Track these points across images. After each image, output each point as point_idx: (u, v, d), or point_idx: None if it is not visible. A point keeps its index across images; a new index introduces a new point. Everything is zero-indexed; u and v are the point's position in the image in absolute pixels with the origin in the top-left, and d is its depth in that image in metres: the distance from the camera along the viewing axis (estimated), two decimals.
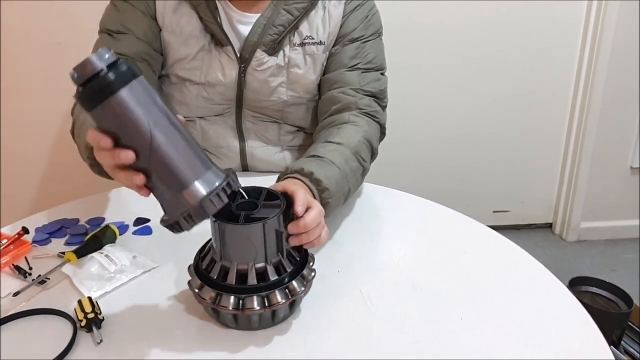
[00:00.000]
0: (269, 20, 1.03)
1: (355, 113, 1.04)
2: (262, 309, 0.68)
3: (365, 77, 1.07)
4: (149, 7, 1.04)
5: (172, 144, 0.61)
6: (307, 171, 0.86)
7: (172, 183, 0.62)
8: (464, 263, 0.87)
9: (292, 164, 0.89)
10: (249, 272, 0.69)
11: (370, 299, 0.78)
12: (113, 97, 0.58)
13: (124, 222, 0.97)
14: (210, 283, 0.71)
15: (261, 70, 1.06)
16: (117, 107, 0.59)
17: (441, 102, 2.12)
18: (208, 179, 0.62)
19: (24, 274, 0.83)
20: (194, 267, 0.74)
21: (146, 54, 1.04)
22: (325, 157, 0.91)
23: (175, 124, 0.63)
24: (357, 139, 0.98)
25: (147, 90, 0.61)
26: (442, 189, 2.08)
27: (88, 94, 0.59)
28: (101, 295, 0.78)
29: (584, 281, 1.71)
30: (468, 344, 0.70)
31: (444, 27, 2.00)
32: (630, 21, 2.00)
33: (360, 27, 1.07)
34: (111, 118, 0.60)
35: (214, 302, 0.69)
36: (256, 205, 0.72)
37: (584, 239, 2.32)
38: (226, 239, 0.70)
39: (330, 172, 0.88)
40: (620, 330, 1.60)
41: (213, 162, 0.66)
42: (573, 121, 2.19)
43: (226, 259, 0.70)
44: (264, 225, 0.68)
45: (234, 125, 1.13)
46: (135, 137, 0.61)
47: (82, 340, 0.70)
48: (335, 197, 0.88)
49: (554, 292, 0.80)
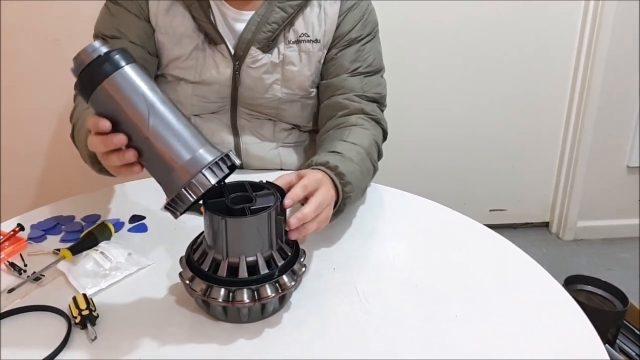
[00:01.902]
0: (262, 18, 1.03)
1: (362, 117, 1.05)
2: (252, 302, 0.69)
3: (367, 83, 1.08)
4: (141, 9, 1.04)
5: (169, 122, 0.65)
6: (332, 164, 0.87)
7: (174, 157, 0.64)
8: (459, 261, 0.87)
9: (316, 157, 0.90)
10: (239, 265, 0.70)
11: (365, 296, 0.78)
12: (107, 80, 0.63)
13: (119, 219, 0.97)
14: (201, 275, 0.71)
15: (255, 67, 1.06)
16: (111, 90, 0.63)
17: (438, 101, 2.12)
18: (208, 151, 0.66)
19: (18, 271, 0.83)
20: (186, 260, 0.74)
21: (141, 58, 1.05)
22: (345, 154, 0.93)
23: (170, 106, 0.66)
24: (368, 141, 1.00)
25: (140, 75, 0.65)
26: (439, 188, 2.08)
27: (84, 80, 0.64)
28: (96, 292, 0.78)
29: (580, 280, 1.71)
30: (463, 342, 0.70)
31: (440, 27, 2.00)
32: (628, 21, 2.00)
33: (358, 27, 1.07)
34: (107, 101, 0.64)
35: (205, 294, 0.69)
36: (250, 198, 0.72)
37: (580, 238, 2.33)
38: (230, 233, 0.69)
39: (351, 168, 0.90)
40: (615, 329, 1.60)
41: (211, 142, 0.68)
42: (570, 120, 2.19)
43: (232, 255, 0.70)
44: (269, 214, 0.69)
45: (229, 123, 1.13)
46: (132, 118, 0.64)
47: (76, 337, 0.70)
48: (355, 192, 0.90)
49: (549, 291, 0.80)
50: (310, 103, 1.14)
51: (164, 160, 0.65)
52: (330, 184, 0.84)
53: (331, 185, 0.84)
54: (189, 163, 0.64)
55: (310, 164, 0.89)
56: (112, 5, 1.06)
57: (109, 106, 0.64)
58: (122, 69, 0.64)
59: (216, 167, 0.65)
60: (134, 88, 0.64)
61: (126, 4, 1.04)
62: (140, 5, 1.04)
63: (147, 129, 0.64)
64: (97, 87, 0.63)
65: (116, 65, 0.64)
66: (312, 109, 1.15)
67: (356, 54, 1.08)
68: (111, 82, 0.63)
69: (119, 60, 0.64)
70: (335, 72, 1.09)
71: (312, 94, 1.13)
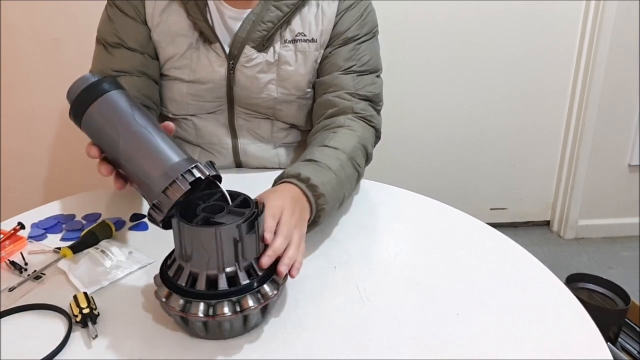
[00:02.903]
0: (258, 17, 1.02)
1: (350, 117, 1.03)
2: (234, 315, 0.66)
3: (360, 81, 1.06)
4: (138, 11, 1.04)
5: (138, 148, 0.70)
6: (304, 176, 0.85)
7: (143, 180, 0.70)
8: (461, 259, 0.87)
9: (289, 169, 0.88)
10: (219, 277, 0.67)
11: (366, 295, 0.78)
12: (85, 115, 0.72)
13: (120, 218, 0.97)
14: (178, 290, 0.68)
15: (250, 66, 1.05)
16: (89, 123, 0.72)
17: (439, 100, 2.12)
18: (176, 168, 0.68)
19: (19, 269, 0.83)
20: (160, 276, 0.71)
21: (142, 65, 1.05)
22: (322, 162, 0.90)
23: (144, 128, 0.71)
24: (352, 144, 0.98)
25: (114, 103, 0.72)
26: (440, 186, 2.09)
27: (72, 116, 0.73)
28: (97, 290, 0.78)
29: (581, 278, 1.71)
30: (464, 340, 0.70)
31: (442, 26, 2.00)
32: (629, 20, 2.00)
33: (355, 27, 1.06)
34: (88, 132, 0.73)
35: (183, 310, 0.66)
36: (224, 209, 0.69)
37: (581, 237, 2.33)
38: (182, 239, 0.68)
39: (326, 178, 0.88)
40: (617, 327, 1.60)
41: (188, 155, 0.71)
42: (571, 119, 2.19)
43: (184, 259, 0.68)
44: (216, 231, 0.65)
45: (227, 123, 1.13)
46: (107, 146, 0.72)
47: (77, 335, 0.70)
48: (330, 203, 0.87)
49: (551, 289, 0.80)
50: (307, 103, 1.13)
51: (139, 181, 0.70)
52: (301, 198, 0.83)
53: (303, 199, 0.83)
54: (155, 184, 0.68)
55: (282, 175, 0.88)
56: (110, 9, 1.06)
57: (92, 135, 0.73)
58: (97, 101, 0.71)
59: (176, 185, 0.67)
60: (107, 118, 0.71)
61: (123, 6, 1.04)
62: (136, 6, 1.04)
63: (119, 153, 0.70)
64: (80, 120, 0.72)
65: (94, 97, 0.71)
66: (309, 109, 1.15)
67: (351, 53, 1.06)
68: (88, 116, 0.72)
69: (94, 94, 0.71)
70: (328, 70, 1.07)
71: (309, 95, 1.12)
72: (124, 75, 1.04)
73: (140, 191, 0.72)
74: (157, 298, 0.69)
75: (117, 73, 1.04)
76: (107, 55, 1.05)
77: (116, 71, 1.04)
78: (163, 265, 0.72)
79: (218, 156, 1.15)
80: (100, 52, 1.07)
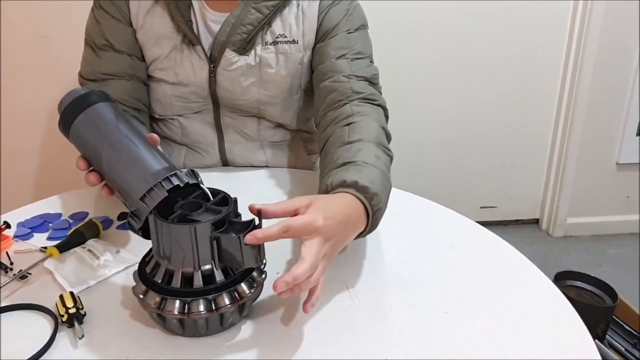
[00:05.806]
0: (237, 19, 1.01)
1: (355, 102, 0.97)
2: (209, 313, 0.65)
3: (355, 64, 1.03)
4: (122, 12, 1.04)
5: (120, 156, 0.72)
6: (350, 181, 0.76)
7: (124, 188, 0.71)
8: (450, 257, 0.87)
9: (330, 179, 0.79)
10: (194, 275, 0.66)
11: (355, 292, 0.78)
12: (72, 126, 0.74)
13: (107, 217, 0.96)
14: (155, 287, 0.67)
15: (231, 70, 1.05)
16: (75, 134, 0.75)
17: (428, 99, 2.12)
18: (155, 176, 0.68)
19: (5, 269, 0.82)
20: (138, 273, 0.70)
21: (130, 68, 1.05)
22: (358, 160, 0.82)
23: (127, 138, 0.72)
24: (374, 130, 0.91)
25: (100, 115, 0.74)
26: (429, 185, 2.09)
27: (61, 128, 0.76)
28: (83, 290, 0.77)
29: (570, 275, 1.72)
30: (453, 338, 0.70)
31: (430, 26, 2.00)
32: (616, 19, 2.01)
33: (343, 21, 1.05)
34: (75, 143, 0.76)
35: (159, 307, 0.66)
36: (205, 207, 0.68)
37: (570, 235, 2.34)
38: (159, 236, 0.67)
39: (371, 175, 0.79)
40: (605, 324, 1.61)
41: (170, 163, 0.71)
42: (560, 118, 2.20)
43: (161, 256, 0.68)
44: (190, 228, 0.64)
45: (212, 122, 1.13)
46: (91, 156, 0.74)
47: (63, 335, 0.69)
48: (384, 200, 0.80)
49: (539, 287, 0.80)
50: (293, 104, 1.13)
51: (121, 189, 0.72)
52: (356, 209, 0.75)
53: (358, 210, 0.75)
54: (134, 193, 0.68)
55: (326, 189, 0.79)
56: (97, 11, 1.06)
57: (79, 146, 0.76)
58: (80, 116, 0.74)
59: (153, 193, 0.67)
60: (89, 131, 0.74)
61: (108, 8, 1.04)
62: (120, 7, 1.04)
63: (102, 162, 0.73)
64: (67, 133, 0.76)
65: (77, 112, 0.74)
66: (295, 110, 1.14)
67: (342, 42, 1.04)
68: (73, 130, 0.75)
69: (78, 108, 0.74)
70: (321, 60, 1.05)
71: (294, 96, 1.12)
72: (113, 78, 1.04)
73: (122, 199, 0.73)
74: (135, 295, 0.69)
75: (106, 76, 1.04)
76: (96, 57, 1.05)
77: (105, 74, 1.04)
78: (142, 262, 0.72)
79: (204, 155, 1.15)
80: (90, 54, 1.06)
